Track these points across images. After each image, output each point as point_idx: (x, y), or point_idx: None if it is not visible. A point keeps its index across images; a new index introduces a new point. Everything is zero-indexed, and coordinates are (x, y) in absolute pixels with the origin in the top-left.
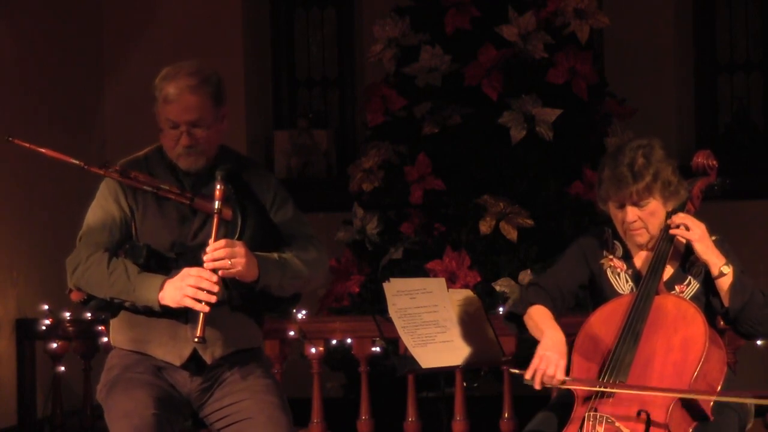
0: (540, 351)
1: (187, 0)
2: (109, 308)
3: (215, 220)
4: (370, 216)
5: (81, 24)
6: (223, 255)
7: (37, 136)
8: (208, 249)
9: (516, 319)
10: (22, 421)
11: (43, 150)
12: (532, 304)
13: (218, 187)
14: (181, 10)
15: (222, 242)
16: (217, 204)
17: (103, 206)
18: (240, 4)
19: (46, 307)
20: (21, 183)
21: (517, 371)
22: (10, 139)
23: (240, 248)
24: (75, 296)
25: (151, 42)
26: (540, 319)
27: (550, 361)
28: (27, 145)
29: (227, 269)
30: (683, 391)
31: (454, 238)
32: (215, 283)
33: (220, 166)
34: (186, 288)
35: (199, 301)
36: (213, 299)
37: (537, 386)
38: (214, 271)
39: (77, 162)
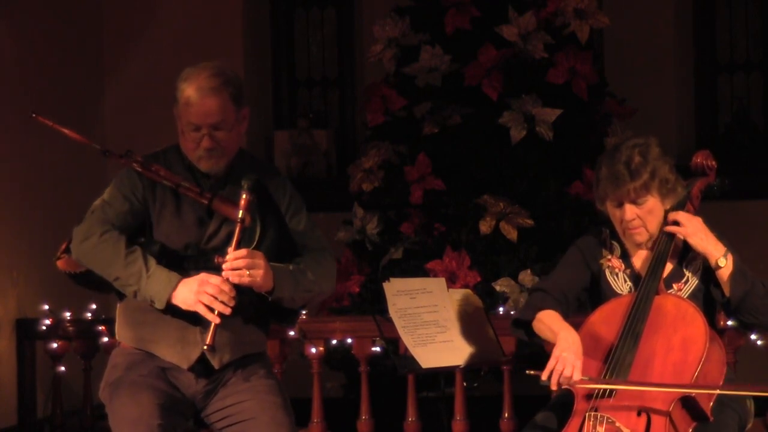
0: (556, 352)
1: (187, 0)
2: (99, 287)
3: (237, 228)
4: (370, 216)
5: (81, 24)
6: (243, 265)
7: (37, 135)
8: (228, 257)
9: (524, 326)
10: (22, 421)
11: (65, 130)
12: (540, 309)
13: (243, 196)
14: (181, 10)
15: (243, 251)
16: (240, 213)
17: (121, 191)
18: (240, 4)
19: (46, 307)
20: (21, 183)
21: (533, 372)
22: (34, 115)
23: (260, 260)
24: (62, 264)
25: (151, 42)
26: (552, 322)
27: (566, 361)
28: (50, 123)
29: (245, 279)
30: (688, 386)
31: (454, 238)
32: (233, 297)
33: (247, 176)
34: (202, 294)
35: (212, 310)
36: (227, 311)
37: (554, 387)
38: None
39: (98, 147)
